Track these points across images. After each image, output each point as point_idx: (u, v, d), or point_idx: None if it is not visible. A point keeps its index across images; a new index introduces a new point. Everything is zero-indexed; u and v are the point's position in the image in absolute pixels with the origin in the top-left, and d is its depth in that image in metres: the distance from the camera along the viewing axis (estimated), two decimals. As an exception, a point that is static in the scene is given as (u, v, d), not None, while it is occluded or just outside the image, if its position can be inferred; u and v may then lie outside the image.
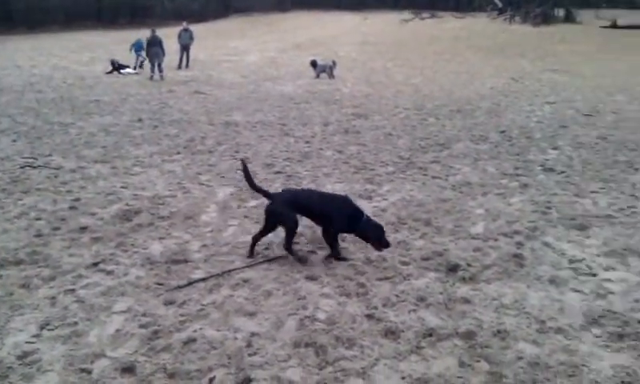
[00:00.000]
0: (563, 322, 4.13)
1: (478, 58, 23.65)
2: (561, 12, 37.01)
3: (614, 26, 32.92)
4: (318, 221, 5.33)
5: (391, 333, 3.94)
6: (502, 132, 10.80)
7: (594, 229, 5.98)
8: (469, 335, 3.92)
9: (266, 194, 5.33)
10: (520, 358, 3.66)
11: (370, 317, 4.16)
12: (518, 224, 6.13)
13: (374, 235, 5.14)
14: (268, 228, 5.24)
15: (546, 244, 5.59)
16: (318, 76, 19.28)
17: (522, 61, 22.14)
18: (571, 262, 5.18)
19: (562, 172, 8.18)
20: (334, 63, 19.76)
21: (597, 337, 3.96)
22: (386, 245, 5.17)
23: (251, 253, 5.27)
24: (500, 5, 40.34)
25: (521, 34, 31.49)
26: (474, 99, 14.59)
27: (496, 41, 28.60)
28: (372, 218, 5.34)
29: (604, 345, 3.86)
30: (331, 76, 19.20)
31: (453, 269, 5.01)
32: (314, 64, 19.60)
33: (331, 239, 5.21)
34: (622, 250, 5.40)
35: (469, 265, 5.09)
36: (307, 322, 4.08)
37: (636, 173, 8.11)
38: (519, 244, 5.58)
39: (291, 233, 5.15)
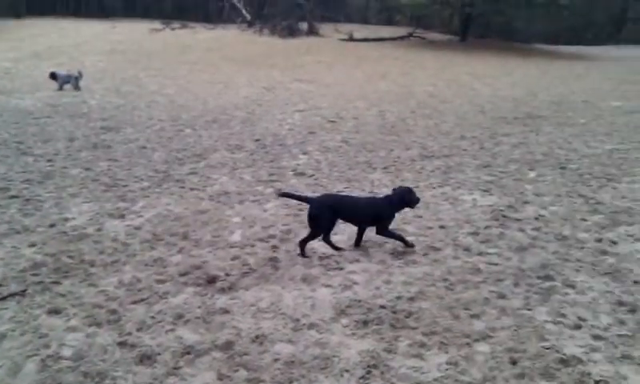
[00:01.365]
0: (315, 317, 4.39)
1: (231, 68, 24.12)
2: (305, 25, 39.80)
3: (351, 38, 36.46)
4: (362, 222, 5.78)
5: (147, 358, 3.75)
6: (257, 140, 11.14)
7: (340, 225, 6.48)
8: (227, 346, 3.93)
9: (305, 199, 5.82)
10: (277, 360, 3.78)
11: (122, 344, 3.91)
12: (273, 228, 6.37)
13: (414, 196, 5.90)
14: (314, 233, 5.60)
15: (299, 245, 5.89)
16: (61, 88, 17.64)
17: (273, 71, 23.16)
18: (321, 259, 5.55)
19: (312, 175, 8.74)
20: (80, 74, 18.26)
21: (345, 326, 4.28)
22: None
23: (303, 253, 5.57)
24: (249, 17, 41.81)
25: (270, 45, 32.98)
26: (229, 109, 14.80)
27: (247, 51, 29.50)
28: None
29: (351, 333, 4.19)
30: (77, 87, 17.74)
31: (212, 280, 5.00)
32: (53, 76, 17.85)
33: (387, 231, 5.72)
34: (362, 243, 5.95)
35: (227, 274, 5.13)
36: (50, 362, 3.67)
37: (374, 171, 9.03)
38: (274, 248, 5.81)
39: (315, 236, 5.60)
